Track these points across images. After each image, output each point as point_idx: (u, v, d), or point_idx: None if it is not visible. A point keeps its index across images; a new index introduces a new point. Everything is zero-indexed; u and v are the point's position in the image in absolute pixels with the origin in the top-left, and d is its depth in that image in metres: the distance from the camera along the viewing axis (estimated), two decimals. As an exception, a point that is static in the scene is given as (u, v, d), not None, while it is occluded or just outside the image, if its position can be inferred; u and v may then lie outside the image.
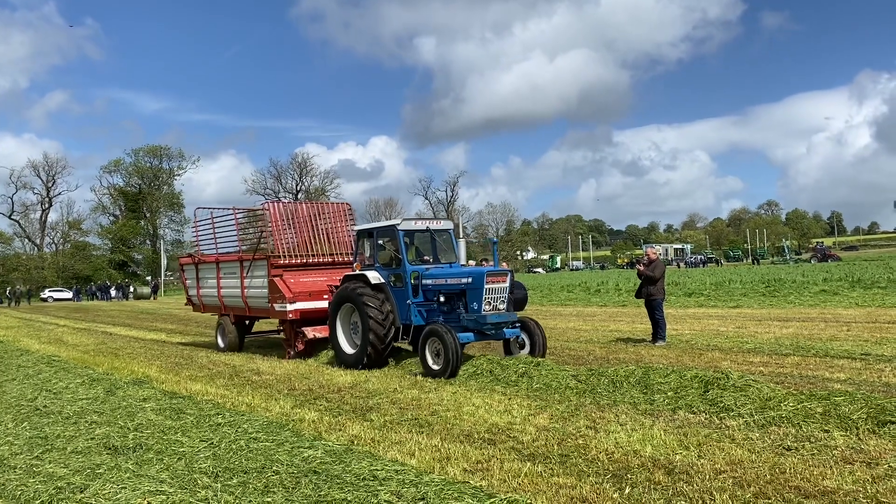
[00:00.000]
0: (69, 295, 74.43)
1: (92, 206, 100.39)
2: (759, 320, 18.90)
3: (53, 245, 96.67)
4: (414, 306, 12.53)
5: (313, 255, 16.34)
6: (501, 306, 11.86)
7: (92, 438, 7.93)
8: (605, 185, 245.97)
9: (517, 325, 12.29)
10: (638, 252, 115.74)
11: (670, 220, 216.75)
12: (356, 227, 14.38)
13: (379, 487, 5.69)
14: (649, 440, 6.85)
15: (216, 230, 18.34)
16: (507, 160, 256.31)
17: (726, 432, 7.09)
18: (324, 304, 14.67)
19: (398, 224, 12.81)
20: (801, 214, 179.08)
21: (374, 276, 12.79)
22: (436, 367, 11.29)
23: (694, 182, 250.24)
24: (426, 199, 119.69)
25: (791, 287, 28.75)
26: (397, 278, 12.72)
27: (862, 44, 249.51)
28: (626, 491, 5.46)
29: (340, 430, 7.83)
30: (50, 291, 75.34)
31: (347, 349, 13.18)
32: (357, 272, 13.26)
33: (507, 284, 11.97)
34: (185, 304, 20.85)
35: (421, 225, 13.26)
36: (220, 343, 17.78)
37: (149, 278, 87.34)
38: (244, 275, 16.54)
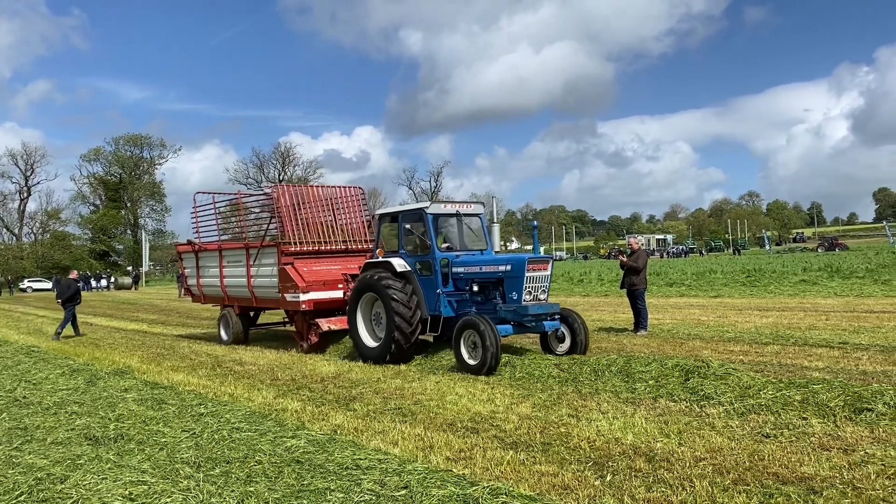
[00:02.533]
0: (49, 285, 73.61)
1: (72, 195, 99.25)
2: (739, 310, 19.07)
3: (32, 235, 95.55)
4: (444, 296, 11.70)
5: (326, 243, 15.41)
6: (542, 296, 11.08)
7: (72, 429, 7.87)
8: (588, 175, 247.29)
9: (557, 316, 11.32)
10: (621, 242, 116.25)
11: (653, 211, 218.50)
12: (379, 211, 13.49)
13: (362, 476, 5.70)
14: (630, 428, 6.91)
15: (219, 216, 17.53)
16: (491, 151, 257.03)
17: (706, 420, 7.17)
18: (339, 293, 14.09)
19: (427, 207, 11.90)
20: (781, 205, 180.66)
21: (399, 264, 11.95)
22: (472, 363, 10.41)
23: (676, 173, 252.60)
24: (410, 189, 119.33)
25: (771, 277, 29.05)
26: (424, 266, 11.90)
27: (841, 37, 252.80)
28: (608, 478, 5.51)
29: (323, 419, 7.83)
30: (29, 282, 74.46)
31: (369, 342, 12.35)
32: (380, 259, 12.35)
33: (548, 272, 11.17)
34: (184, 295, 20.16)
35: (450, 209, 12.32)
36: (224, 336, 16.80)
37: (130, 268, 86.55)
38: (251, 263, 15.70)
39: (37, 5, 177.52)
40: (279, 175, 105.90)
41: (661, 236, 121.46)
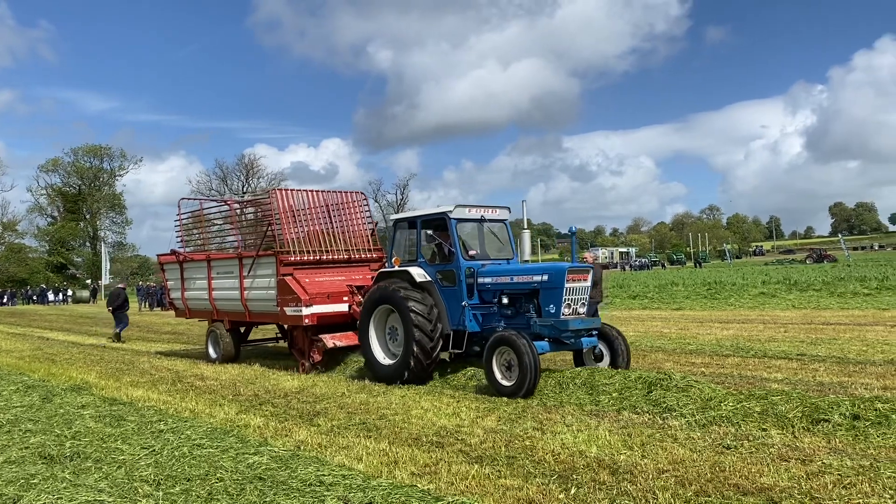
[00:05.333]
0: (3, 299, 71.67)
1: (29, 206, 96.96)
2: (700, 322, 19.37)
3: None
4: (468, 309, 10.83)
5: (328, 251, 14.31)
6: (582, 309, 10.16)
7: (26, 447, 7.65)
8: (553, 189, 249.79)
9: (595, 332, 10.46)
10: (586, 255, 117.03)
11: (616, 224, 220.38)
12: (394, 216, 12.55)
13: (326, 493, 5.64)
14: (594, 441, 6.95)
15: (206, 223, 16.68)
16: (459, 164, 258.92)
17: (669, 432, 7.24)
18: (344, 307, 13.17)
19: (450, 211, 10.96)
20: (741, 219, 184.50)
21: (418, 273, 11.05)
22: (507, 384, 9.48)
23: (639, 187, 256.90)
24: (376, 201, 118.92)
25: (731, 290, 29.55)
26: (446, 276, 11.01)
27: (797, 56, 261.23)
28: (572, 491, 5.53)
29: (287, 435, 7.74)
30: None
31: (383, 360, 11.39)
32: (396, 268, 11.50)
33: (589, 283, 10.25)
34: (167, 309, 19.01)
35: (474, 213, 11.34)
36: (212, 353, 15.47)
37: (88, 281, 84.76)
38: (244, 274, 14.52)
39: (3, 17, 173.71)
40: (243, 187, 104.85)
41: (625, 249, 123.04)
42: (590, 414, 8.25)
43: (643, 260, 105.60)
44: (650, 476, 5.80)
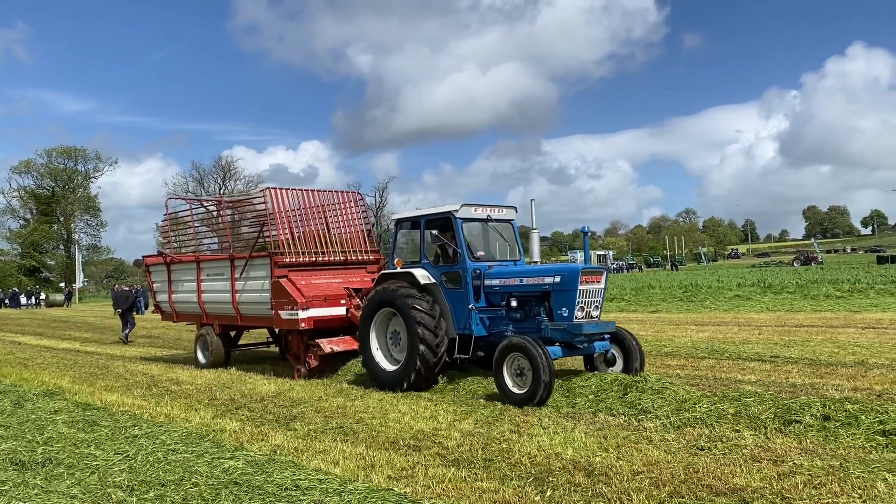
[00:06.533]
0: None
1: (0, 209, 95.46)
2: (676, 324, 19.55)
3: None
4: (475, 313, 10.47)
5: (324, 253, 13.91)
6: (595, 312, 9.81)
7: (-3, 454, 7.55)
8: (532, 192, 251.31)
9: (607, 336, 10.09)
10: (563, 258, 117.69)
11: (594, 227, 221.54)
12: (396, 216, 12.09)
13: (301, 497, 5.63)
14: (570, 443, 6.99)
15: (195, 223, 16.32)
16: (438, 167, 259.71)
17: (644, 434, 7.31)
18: (341, 310, 12.85)
19: (456, 210, 10.57)
20: (717, 222, 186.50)
21: (421, 275, 10.67)
22: (518, 391, 9.10)
23: (616, 191, 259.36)
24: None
25: (707, 292, 29.85)
26: (451, 278, 10.63)
27: (771, 62, 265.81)
28: (548, 494, 5.56)
29: (263, 439, 7.70)
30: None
31: (385, 366, 10.98)
32: (399, 270, 11.08)
33: (602, 285, 9.91)
34: (153, 312, 18.39)
35: (481, 213, 10.96)
36: (202, 358, 15.05)
37: (62, 285, 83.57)
38: (236, 276, 14.10)
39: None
40: (220, 190, 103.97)
41: (602, 252, 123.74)
42: (566, 416, 8.30)
43: (620, 262, 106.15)
44: (625, 478, 5.85)
